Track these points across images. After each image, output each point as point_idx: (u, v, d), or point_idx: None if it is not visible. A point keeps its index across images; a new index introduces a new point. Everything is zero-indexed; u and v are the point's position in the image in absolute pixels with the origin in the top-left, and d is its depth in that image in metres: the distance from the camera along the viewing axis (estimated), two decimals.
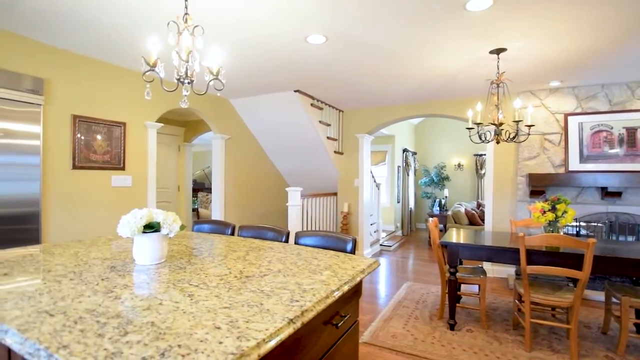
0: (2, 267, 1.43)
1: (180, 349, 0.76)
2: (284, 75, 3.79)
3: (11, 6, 2.37)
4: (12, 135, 2.74)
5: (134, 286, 1.20)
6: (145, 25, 2.59)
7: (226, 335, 0.83)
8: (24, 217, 2.82)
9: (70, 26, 2.65)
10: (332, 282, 1.26)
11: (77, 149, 3.21)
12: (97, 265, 1.47)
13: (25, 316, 0.93)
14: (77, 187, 3.23)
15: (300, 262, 1.56)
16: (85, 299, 1.07)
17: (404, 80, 3.92)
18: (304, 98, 4.46)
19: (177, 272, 1.38)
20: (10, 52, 2.78)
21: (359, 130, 5.51)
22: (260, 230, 2.23)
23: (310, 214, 5.03)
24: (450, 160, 8.95)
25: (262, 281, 1.27)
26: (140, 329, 0.86)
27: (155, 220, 1.46)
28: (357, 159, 5.53)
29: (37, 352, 0.77)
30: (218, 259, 1.61)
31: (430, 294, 3.85)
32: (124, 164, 3.59)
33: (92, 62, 3.32)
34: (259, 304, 1.04)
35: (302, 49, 3.02)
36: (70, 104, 3.16)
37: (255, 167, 5.47)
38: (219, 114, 4.76)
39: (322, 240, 2.01)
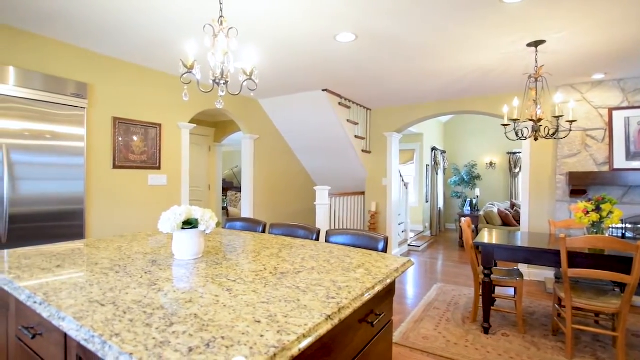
0: (55, 259, 1.53)
1: (223, 341, 0.79)
2: (312, 75, 3.81)
3: (59, 17, 2.53)
4: (59, 137, 2.92)
5: (175, 279, 1.24)
6: (180, 30, 2.68)
7: (266, 329, 0.85)
8: (70, 214, 3.00)
9: (112, 34, 2.79)
10: (366, 281, 1.26)
11: (117, 149, 3.37)
12: (140, 259, 1.54)
13: (79, 305, 0.99)
14: (117, 186, 3.39)
15: (333, 260, 1.57)
16: (131, 290, 1.12)
17: (435, 77, 3.83)
18: (331, 97, 4.46)
19: (214, 267, 1.42)
20: (57, 59, 2.97)
21: (387, 129, 5.44)
22: (291, 228, 2.25)
23: (338, 213, 5.03)
24: (481, 159, 8.66)
25: (297, 278, 1.28)
26: (184, 320, 0.89)
27: (193, 217, 1.51)
28: (385, 157, 5.46)
29: (92, 338, 0.82)
30: (252, 255, 1.64)
31: (462, 296, 3.74)
32: (160, 163, 3.74)
33: (130, 66, 3.47)
34: (295, 300, 1.05)
35: (331, 48, 3.03)
36: (111, 106, 3.33)
37: (283, 167, 5.53)
38: (249, 114, 4.85)
39: (353, 239, 2.00)
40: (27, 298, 1.09)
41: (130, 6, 2.35)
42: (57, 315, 0.95)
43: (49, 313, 0.97)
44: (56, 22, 2.61)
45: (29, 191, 2.76)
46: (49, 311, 0.98)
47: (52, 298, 1.05)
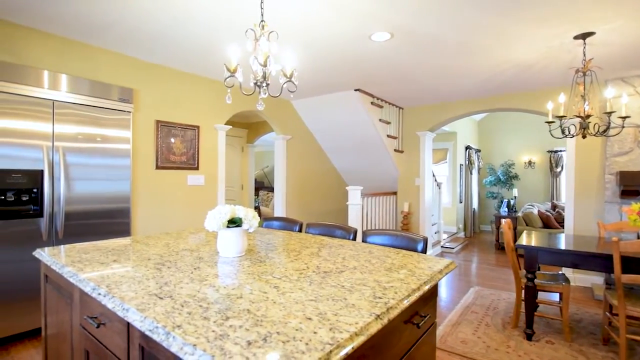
0: (111, 254, 1.63)
1: (279, 336, 0.81)
2: (345, 75, 3.81)
3: (108, 28, 2.69)
4: (108, 140, 3.11)
5: (223, 276, 1.29)
6: (221, 36, 2.78)
7: (319, 326, 0.86)
8: (118, 211, 3.18)
9: (158, 42, 2.93)
10: (411, 281, 1.25)
11: (160, 151, 3.54)
12: (187, 255, 1.61)
13: (139, 297, 1.06)
14: (159, 186, 3.56)
15: (373, 260, 1.57)
16: (184, 285, 1.18)
17: (471, 73, 3.72)
18: (364, 97, 4.44)
19: (258, 265, 1.46)
20: (105, 66, 3.16)
21: (420, 128, 5.34)
22: (328, 228, 2.26)
23: (370, 213, 4.99)
24: (519, 158, 8.29)
25: (340, 277, 1.29)
26: (238, 315, 0.93)
27: (237, 216, 1.56)
28: (418, 157, 5.37)
29: (155, 329, 0.87)
30: (293, 254, 1.67)
31: (501, 301, 3.60)
32: (198, 164, 3.88)
33: (172, 71, 3.63)
34: (342, 299, 1.06)
35: (365, 47, 3.02)
36: (154, 110, 3.50)
37: (314, 166, 5.57)
38: (281, 115, 4.92)
39: (391, 239, 1.99)
40: (91, 290, 1.18)
41: (176, 16, 2.46)
42: (121, 306, 1.01)
43: (114, 304, 1.04)
44: (107, 32, 2.78)
45: (81, 190, 2.95)
46: (114, 302, 1.05)
47: (114, 290, 1.12)
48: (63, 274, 1.40)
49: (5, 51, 2.62)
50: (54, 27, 2.71)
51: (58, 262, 1.48)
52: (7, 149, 2.57)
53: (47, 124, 2.76)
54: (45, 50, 2.81)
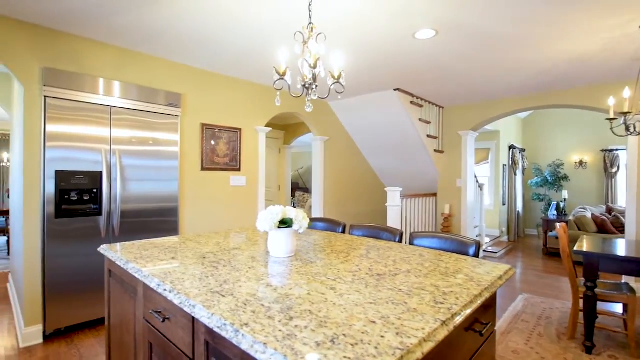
0: (168, 252, 1.71)
1: (346, 338, 0.81)
2: (385, 75, 3.76)
3: (159, 37, 2.83)
4: (159, 143, 3.27)
5: (278, 276, 1.31)
6: (266, 41, 2.84)
7: (384, 330, 0.85)
8: (167, 211, 3.34)
9: (204, 49, 3.05)
10: (471, 287, 1.20)
11: (205, 153, 3.67)
12: (239, 254, 1.66)
13: (203, 294, 1.10)
14: (204, 186, 3.70)
15: (426, 263, 1.52)
16: (243, 284, 1.21)
17: (521, 68, 3.53)
18: (403, 96, 4.36)
19: (309, 265, 1.47)
20: (156, 73, 3.33)
21: (461, 127, 5.15)
22: (374, 230, 2.24)
23: (409, 215, 4.89)
24: (569, 157, 7.78)
25: (395, 280, 1.26)
26: (301, 316, 0.93)
27: (288, 217, 1.58)
28: (459, 157, 5.18)
29: (224, 326, 0.90)
30: (342, 255, 1.67)
31: (554, 310, 3.39)
32: (240, 165, 3.99)
33: (217, 76, 3.77)
34: (403, 303, 1.04)
35: (408, 46, 2.96)
36: (199, 114, 3.64)
37: (352, 168, 5.54)
38: (319, 116, 4.95)
39: (441, 243, 1.93)
40: (157, 285, 1.24)
41: (222, 23, 2.55)
42: (188, 302, 1.05)
43: (180, 300, 1.09)
44: (158, 41, 2.93)
45: (135, 190, 3.13)
46: (180, 299, 1.09)
47: (178, 287, 1.17)
48: (128, 269, 1.48)
49: (70, 62, 2.84)
50: (112, 38, 2.90)
51: (122, 259, 1.57)
52: (71, 152, 2.78)
53: (105, 128, 2.95)
54: (103, 60, 3.01)
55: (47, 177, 2.68)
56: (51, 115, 2.68)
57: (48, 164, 2.68)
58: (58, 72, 2.70)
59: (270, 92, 4.30)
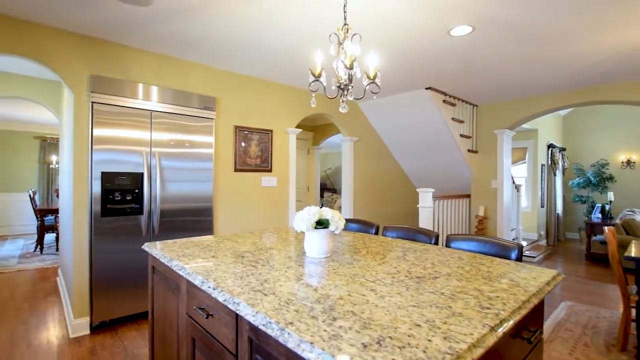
0: (208, 250, 1.76)
1: (392, 341, 0.80)
2: (417, 74, 3.69)
3: (196, 43, 2.94)
4: (195, 145, 3.39)
5: (316, 276, 1.32)
6: (294, 44, 2.87)
7: (431, 334, 0.83)
8: (203, 210, 3.45)
9: (238, 53, 3.13)
10: (517, 292, 1.15)
11: (237, 154, 3.77)
12: (275, 254, 1.68)
13: (245, 293, 1.12)
14: (237, 187, 3.79)
15: (466, 266, 1.48)
16: (283, 283, 1.23)
17: (563, 64, 3.36)
18: (435, 95, 4.27)
19: (347, 267, 1.46)
20: (192, 77, 3.45)
21: (497, 126, 4.97)
22: (408, 232, 2.20)
23: (441, 217, 4.77)
24: (615, 157, 7.29)
25: (436, 283, 1.24)
26: (344, 316, 0.94)
27: (324, 218, 1.58)
28: (494, 157, 5.00)
29: (269, 324, 0.91)
30: (378, 257, 1.65)
31: (601, 319, 3.19)
32: (271, 166, 4.05)
33: (248, 79, 3.85)
34: (447, 307, 1.01)
35: (442, 43, 2.89)
36: (232, 116, 3.74)
37: (381, 168, 5.49)
38: (349, 117, 4.94)
39: (480, 246, 1.87)
40: (201, 283, 1.28)
41: (255, 29, 2.60)
42: (232, 300, 1.08)
43: (224, 298, 1.12)
44: (194, 47, 3.04)
45: (173, 191, 3.26)
46: (224, 296, 1.12)
47: (222, 284, 1.21)
48: (172, 266, 1.55)
49: (114, 69, 3.00)
50: (152, 45, 3.04)
51: (166, 256, 1.64)
52: (115, 154, 2.94)
53: (146, 132, 3.09)
54: (144, 66, 3.16)
55: (93, 178, 2.85)
56: (98, 120, 2.85)
57: (95, 165, 2.85)
58: (104, 79, 2.86)
59: (301, 93, 4.34)
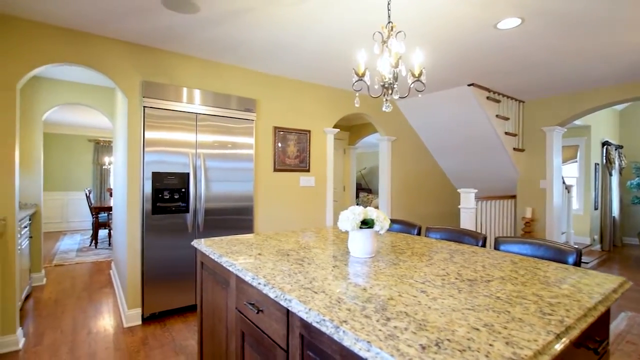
0: (254, 248, 1.82)
1: (451, 344, 0.78)
2: (459, 69, 3.57)
3: (237, 48, 3.03)
4: (237, 146, 3.50)
5: (363, 275, 1.32)
6: (333, 45, 2.88)
7: (492, 339, 0.80)
8: (244, 209, 3.56)
9: (278, 56, 3.20)
10: (581, 299, 1.08)
11: (277, 154, 3.84)
12: (320, 253, 1.70)
13: (296, 290, 1.15)
14: (276, 187, 3.86)
15: (520, 270, 1.41)
16: (331, 282, 1.24)
17: (622, 53, 3.11)
18: (478, 91, 4.10)
19: (393, 267, 1.45)
20: (234, 80, 3.57)
21: (545, 123, 4.69)
22: (454, 233, 2.14)
23: (484, 218, 4.58)
24: None
25: (490, 287, 1.19)
26: (398, 317, 0.93)
27: (369, 217, 1.58)
28: (543, 156, 4.72)
29: (323, 322, 0.93)
30: (424, 258, 1.62)
31: None
32: (309, 166, 4.09)
33: (286, 80, 3.92)
34: (505, 311, 0.97)
35: (488, 37, 2.78)
36: (272, 117, 3.82)
37: (419, 168, 5.36)
38: (386, 116, 4.88)
39: (533, 249, 1.77)
40: (251, 279, 1.32)
41: (295, 32, 2.64)
42: (283, 296, 1.11)
43: (275, 294, 1.15)
44: (236, 51, 3.14)
45: (216, 190, 3.39)
46: (275, 292, 1.15)
47: (272, 281, 1.24)
48: (221, 262, 1.61)
49: (163, 74, 3.17)
50: (197, 51, 3.17)
51: (216, 252, 1.71)
52: (164, 156, 3.10)
53: (192, 134, 3.24)
54: (190, 71, 3.31)
55: (145, 178, 3.03)
56: (149, 123, 3.02)
57: (146, 166, 3.02)
58: (154, 84, 3.04)
59: (338, 93, 4.34)
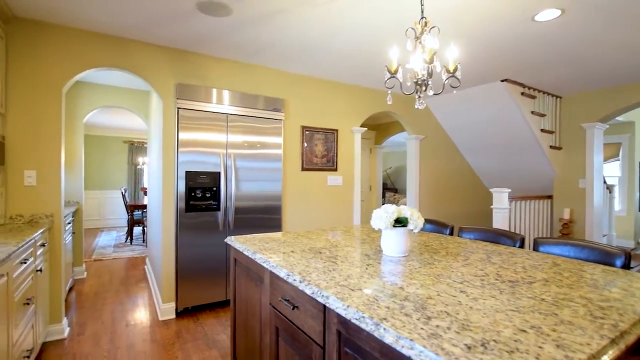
0: (286, 245, 1.84)
1: (498, 345, 0.76)
2: (492, 65, 3.46)
3: (267, 49, 3.07)
4: (266, 146, 3.55)
5: (399, 274, 1.30)
6: (362, 44, 2.86)
7: (541, 341, 0.78)
8: (272, 208, 3.61)
9: (306, 56, 3.22)
10: (635, 303, 1.02)
11: (304, 154, 3.87)
12: (351, 252, 1.70)
13: (332, 287, 1.15)
14: (303, 186, 3.89)
15: (564, 272, 1.35)
16: (366, 280, 1.23)
17: None
18: (512, 87, 3.96)
19: (428, 267, 1.42)
20: (263, 81, 3.62)
21: (585, 119, 4.45)
22: (489, 233, 2.07)
23: (518, 219, 4.41)
24: None
25: (533, 289, 1.15)
26: (439, 316, 0.91)
27: (403, 216, 1.56)
28: (583, 154, 4.48)
29: (362, 318, 0.93)
30: (460, 258, 1.58)
31: None
32: (337, 165, 4.09)
33: (314, 80, 3.94)
34: (552, 314, 0.93)
35: (524, 30, 2.67)
36: (299, 117, 3.85)
37: (449, 167, 5.24)
38: (415, 115, 4.80)
39: (576, 251, 1.69)
40: (286, 275, 1.34)
41: (324, 31, 2.65)
42: (320, 293, 1.12)
43: (312, 291, 1.16)
44: (265, 53, 3.19)
45: (246, 190, 3.45)
46: (311, 289, 1.16)
47: (307, 278, 1.25)
48: (255, 259, 1.64)
49: (195, 76, 3.27)
50: (227, 53, 3.25)
51: (249, 249, 1.74)
52: (197, 156, 3.20)
53: (222, 134, 3.32)
54: (220, 73, 3.40)
55: (179, 178, 3.13)
56: (182, 125, 3.13)
57: (180, 166, 3.13)
58: (187, 86, 3.14)
59: (366, 92, 4.32)
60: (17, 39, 2.57)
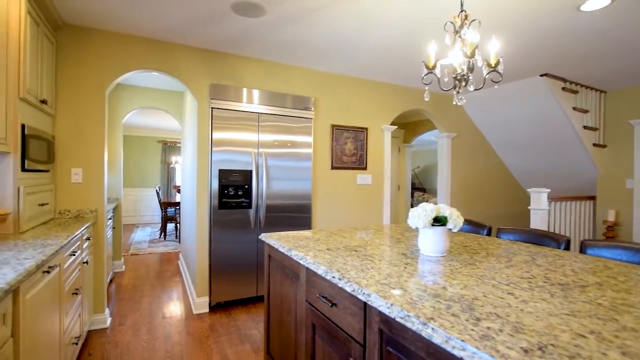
0: (320, 243, 1.84)
1: (557, 349, 0.72)
2: (531, 58, 3.31)
3: (298, 48, 3.09)
4: (296, 145, 3.58)
5: (439, 274, 1.27)
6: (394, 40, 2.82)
7: (604, 347, 0.73)
8: (303, 207, 3.63)
9: (336, 54, 3.21)
10: None
11: (334, 152, 3.86)
12: (387, 250, 1.68)
13: (373, 285, 1.14)
14: (333, 185, 3.89)
15: (619, 277, 1.27)
16: (407, 279, 1.21)
17: None
18: (552, 82, 3.77)
19: (469, 267, 1.38)
20: (294, 80, 3.65)
21: (633, 115, 4.17)
22: (530, 235, 1.99)
23: (557, 221, 4.20)
24: None
25: (587, 293, 1.09)
26: (488, 317, 0.88)
27: (442, 215, 1.52)
28: (630, 152, 4.20)
29: (407, 317, 0.91)
30: (502, 259, 1.52)
31: None
32: (366, 164, 4.06)
33: (344, 78, 3.92)
34: (611, 319, 0.88)
35: (568, 21, 2.54)
36: (329, 115, 3.85)
37: (482, 166, 5.07)
38: (445, 112, 4.68)
39: (630, 254, 1.59)
40: (324, 272, 1.34)
41: (357, 29, 2.64)
42: (361, 291, 1.11)
43: (352, 288, 1.15)
44: (296, 52, 3.21)
45: (277, 188, 3.50)
46: (352, 287, 1.16)
47: (346, 275, 1.25)
48: (291, 256, 1.65)
49: (228, 77, 3.34)
50: (259, 53, 3.30)
51: (285, 246, 1.76)
52: (230, 155, 3.27)
53: (254, 133, 3.38)
54: (252, 73, 3.45)
55: (212, 176, 3.22)
56: (215, 124, 3.21)
57: (213, 164, 3.21)
58: (221, 87, 3.21)
59: (396, 90, 4.25)
60: (66, 45, 2.72)
